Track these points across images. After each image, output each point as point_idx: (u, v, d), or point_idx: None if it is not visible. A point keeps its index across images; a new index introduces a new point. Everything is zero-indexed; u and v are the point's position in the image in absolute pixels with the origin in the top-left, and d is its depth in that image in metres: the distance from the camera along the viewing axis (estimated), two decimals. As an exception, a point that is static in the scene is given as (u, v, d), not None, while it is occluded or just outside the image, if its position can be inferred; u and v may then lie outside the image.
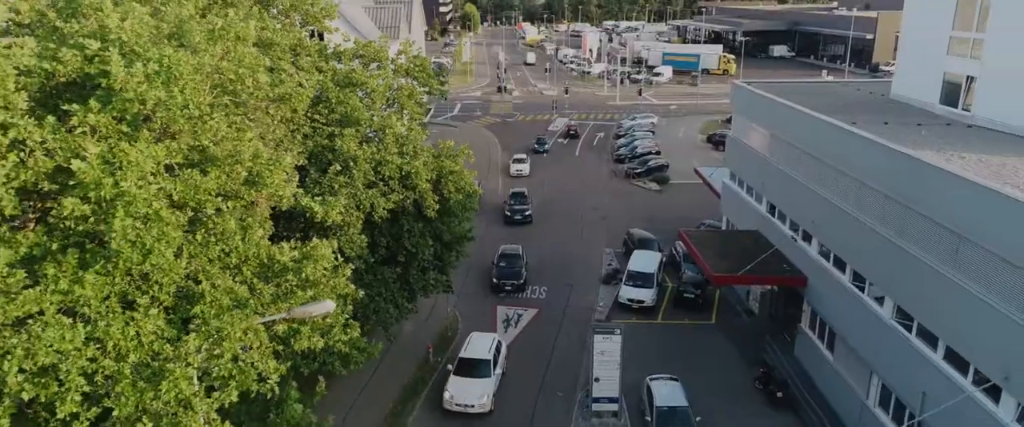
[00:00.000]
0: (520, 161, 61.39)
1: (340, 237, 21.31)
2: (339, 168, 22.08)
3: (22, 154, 10.20)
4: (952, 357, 20.29)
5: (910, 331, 22.16)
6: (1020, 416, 17.79)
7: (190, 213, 11.60)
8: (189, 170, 11.96)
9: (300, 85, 18.65)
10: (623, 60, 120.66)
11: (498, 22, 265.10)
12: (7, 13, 12.36)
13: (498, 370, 28.87)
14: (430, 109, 51.57)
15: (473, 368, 28.15)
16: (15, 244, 10.24)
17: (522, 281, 37.78)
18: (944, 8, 29.17)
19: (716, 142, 66.92)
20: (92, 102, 10.60)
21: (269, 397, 13.13)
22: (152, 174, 10.92)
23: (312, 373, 17.52)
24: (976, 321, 18.96)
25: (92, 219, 10.19)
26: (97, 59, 11.73)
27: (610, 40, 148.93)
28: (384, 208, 23.63)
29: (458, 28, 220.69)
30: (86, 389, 10.64)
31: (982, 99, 27.53)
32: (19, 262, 10.32)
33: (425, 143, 27.65)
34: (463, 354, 29.08)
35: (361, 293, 17.10)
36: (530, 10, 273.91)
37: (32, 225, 12.21)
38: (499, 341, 30.32)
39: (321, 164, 23.34)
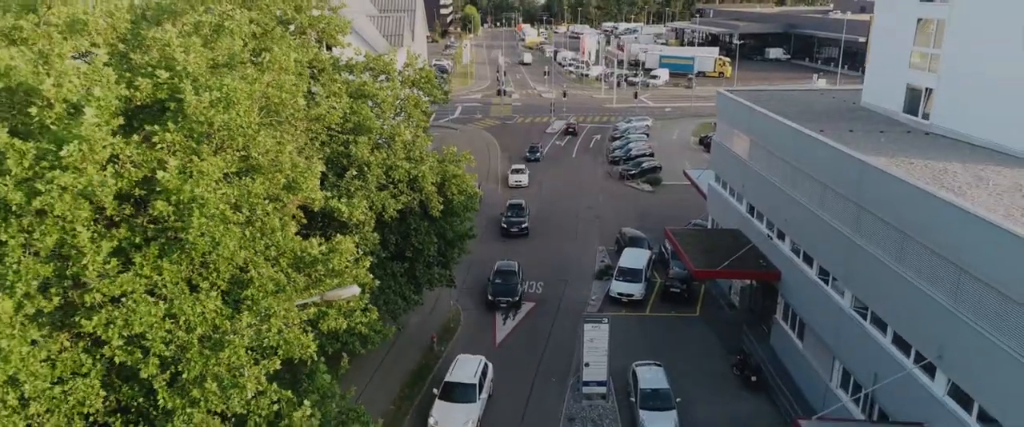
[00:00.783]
0: (519, 172, 61.24)
1: (356, 234, 23.89)
2: (355, 173, 24.68)
3: (116, 166, 12.81)
4: (898, 340, 22.92)
5: (865, 318, 24.80)
6: (951, 390, 20.42)
7: (246, 214, 14.20)
8: (243, 178, 14.61)
9: (332, 107, 21.28)
10: (620, 63, 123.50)
11: (498, 23, 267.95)
12: (90, 46, 14.96)
13: (483, 394, 28.69)
14: (432, 112, 54.01)
15: (458, 393, 28.01)
16: (111, 238, 12.85)
17: (517, 298, 37.81)
18: (907, 24, 31.80)
19: (708, 144, 69.11)
20: (170, 124, 13.23)
21: (309, 362, 15.76)
22: (216, 181, 13.54)
23: (335, 352, 20.18)
24: (916, 307, 21.59)
25: (173, 217, 12.81)
26: (166, 86, 14.38)
27: (608, 42, 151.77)
28: (394, 209, 26.22)
29: (458, 30, 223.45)
30: (166, 354, 13.26)
31: (938, 109, 30.14)
32: (114, 252, 12.94)
33: (429, 147, 30.24)
34: (449, 378, 28.83)
35: (377, 283, 19.68)
36: (530, 11, 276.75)
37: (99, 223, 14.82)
38: (486, 363, 30.13)
39: (337, 169, 25.94)
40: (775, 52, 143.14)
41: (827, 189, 27.27)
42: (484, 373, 29.56)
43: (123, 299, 12.90)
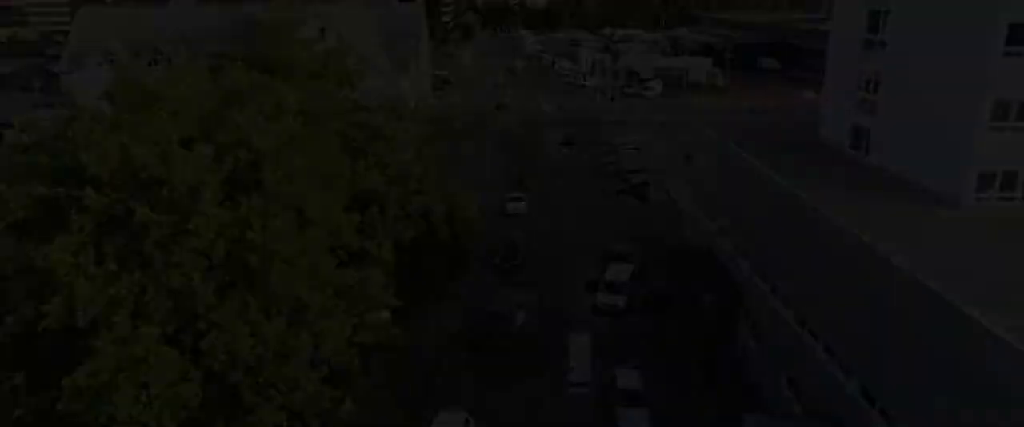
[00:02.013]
0: (516, 200, 61.49)
1: (379, 266, 28.58)
2: (378, 209, 29.37)
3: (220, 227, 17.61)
4: (828, 349, 27.68)
5: (803, 328, 29.55)
6: (861, 391, 25.20)
7: (309, 260, 19.00)
8: (302, 229, 19.42)
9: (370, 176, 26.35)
10: (616, 73, 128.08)
11: (497, 29, 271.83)
12: (186, 130, 19.72)
13: None
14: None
15: None
16: (212, 279, 17.64)
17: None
18: (851, 70, 36.56)
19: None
20: (254, 196, 18.03)
21: (351, 368, 20.56)
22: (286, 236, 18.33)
23: (366, 359, 24.94)
24: (839, 322, 26.35)
25: (258, 266, 17.59)
26: (243, 161, 19.17)
27: (605, 48, 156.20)
28: (408, 236, 30.91)
29: (459, 37, 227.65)
30: (250, 364, 18.04)
31: (875, 147, 34.86)
32: (214, 290, 17.74)
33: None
34: None
35: (399, 303, 24.43)
36: (530, 16, 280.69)
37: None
38: (468, 419, 29.85)
39: (359, 205, 30.58)
40: (767, 62, 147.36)
41: (775, 218, 32.02)
42: None
43: (221, 324, 17.70)
